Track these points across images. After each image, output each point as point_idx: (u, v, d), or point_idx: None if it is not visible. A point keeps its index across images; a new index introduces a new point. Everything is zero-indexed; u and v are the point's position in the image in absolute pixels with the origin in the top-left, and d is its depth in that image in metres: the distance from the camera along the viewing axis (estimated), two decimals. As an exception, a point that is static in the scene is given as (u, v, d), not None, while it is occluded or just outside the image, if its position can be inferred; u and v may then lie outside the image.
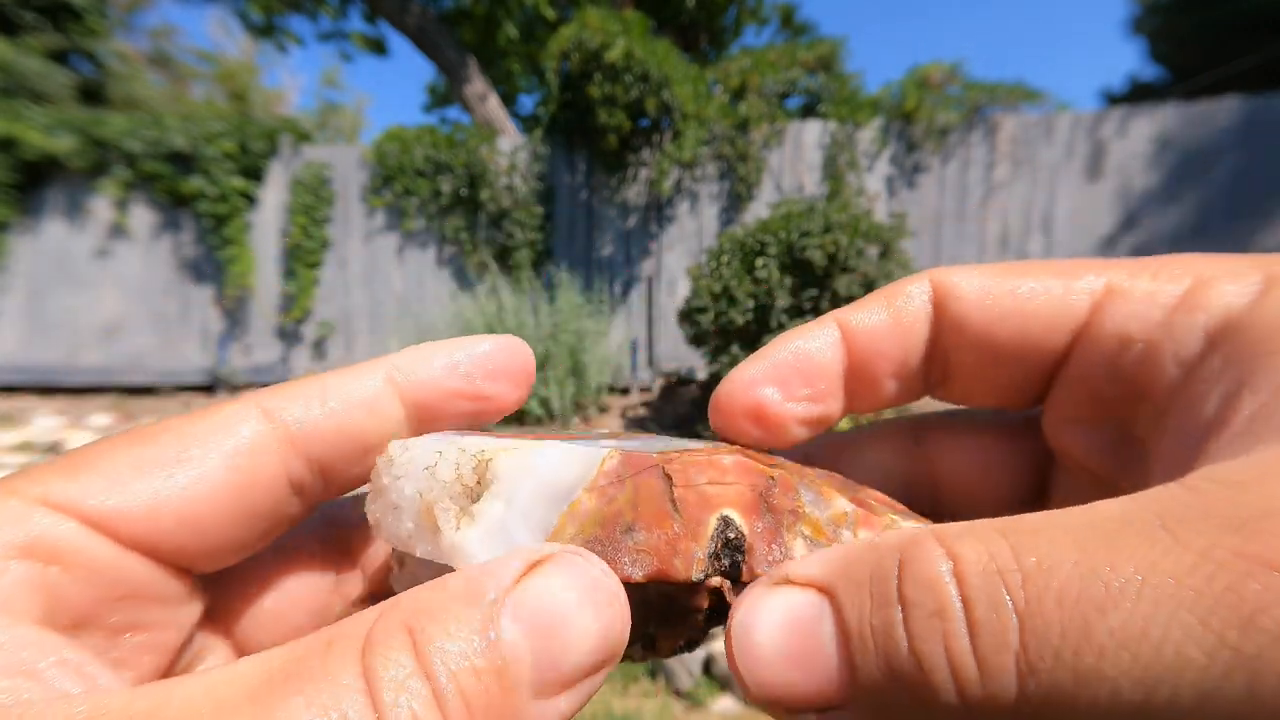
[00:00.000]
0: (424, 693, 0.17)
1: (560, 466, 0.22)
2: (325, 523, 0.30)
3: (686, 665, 2.42)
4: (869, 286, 3.92)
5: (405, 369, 0.28)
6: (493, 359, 0.29)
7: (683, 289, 6.06)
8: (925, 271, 0.28)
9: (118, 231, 6.43)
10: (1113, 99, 11.55)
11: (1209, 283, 0.22)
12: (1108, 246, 5.74)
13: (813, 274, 3.96)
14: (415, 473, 0.23)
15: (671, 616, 0.24)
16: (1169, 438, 0.22)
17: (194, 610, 0.26)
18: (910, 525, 0.25)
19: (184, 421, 0.24)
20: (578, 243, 6.32)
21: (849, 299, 3.89)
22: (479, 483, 0.22)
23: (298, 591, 0.29)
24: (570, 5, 7.83)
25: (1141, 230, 5.67)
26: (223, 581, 0.27)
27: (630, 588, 0.21)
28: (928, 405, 0.34)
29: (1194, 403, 0.21)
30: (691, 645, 0.25)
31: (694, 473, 0.23)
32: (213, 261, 6.41)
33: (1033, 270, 0.26)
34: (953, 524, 0.19)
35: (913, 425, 0.32)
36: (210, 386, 6.41)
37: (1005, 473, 0.30)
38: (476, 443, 0.23)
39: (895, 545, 0.19)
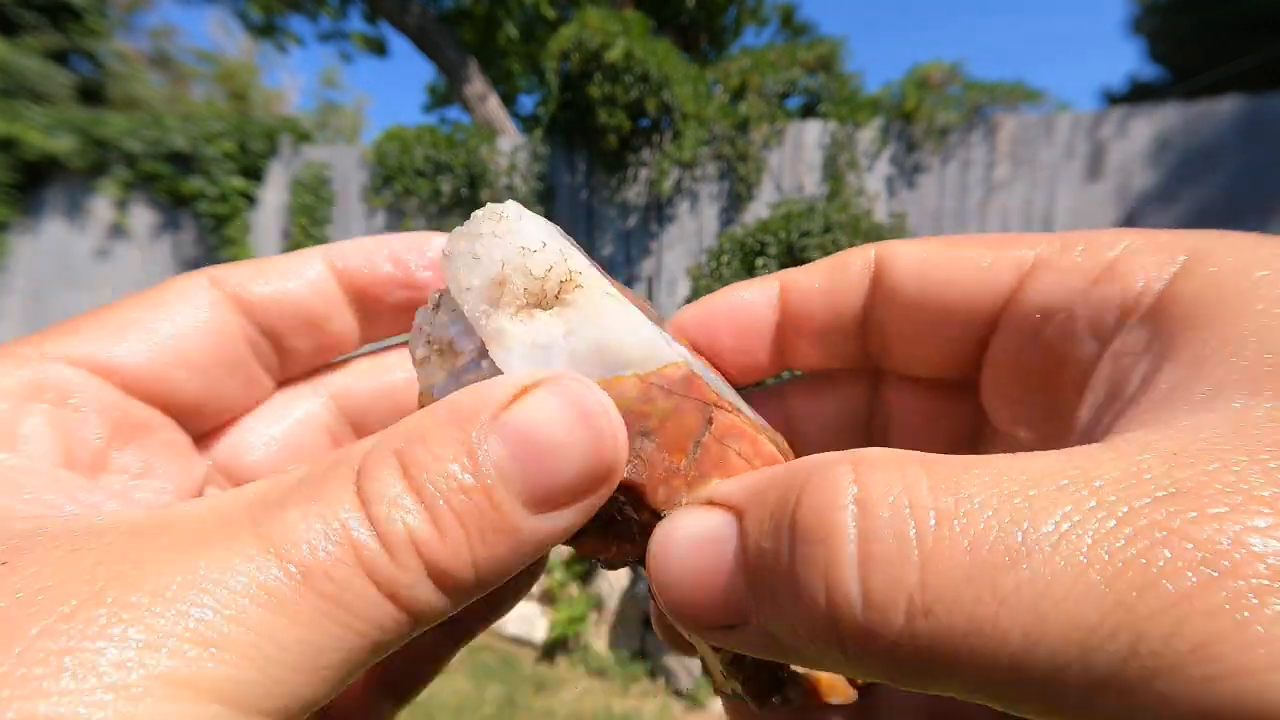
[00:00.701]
0: (416, 508, 0.18)
1: (630, 340, 0.22)
2: (334, 412, 0.32)
3: (686, 665, 2.42)
4: (869, 286, 3.93)
5: (343, 254, 0.29)
6: (431, 247, 0.30)
7: (683, 289, 6.06)
8: (876, 243, 0.29)
9: (118, 231, 6.43)
10: (1113, 99, 11.55)
11: (1132, 256, 0.23)
12: (1108, 246, 5.75)
13: (813, 274, 3.97)
14: (511, 244, 0.23)
15: (622, 531, 0.24)
16: (1087, 408, 0.22)
17: (200, 465, 0.28)
18: None
19: (149, 292, 0.27)
20: (578, 242, 6.32)
21: (849, 299, 3.90)
22: (557, 296, 0.23)
23: (301, 441, 0.31)
24: (570, 5, 7.83)
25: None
26: (231, 452, 0.29)
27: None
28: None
29: (1115, 374, 0.21)
30: (634, 563, 0.25)
31: (733, 436, 0.24)
32: (213, 261, 6.38)
33: (969, 242, 0.26)
34: (877, 450, 0.18)
35: (875, 371, 0.32)
36: (210, 386, 6.42)
37: (952, 425, 0.31)
38: (581, 263, 0.24)
39: (808, 468, 0.19)
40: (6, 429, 0.22)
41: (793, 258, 4.00)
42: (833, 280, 0.29)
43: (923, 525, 0.15)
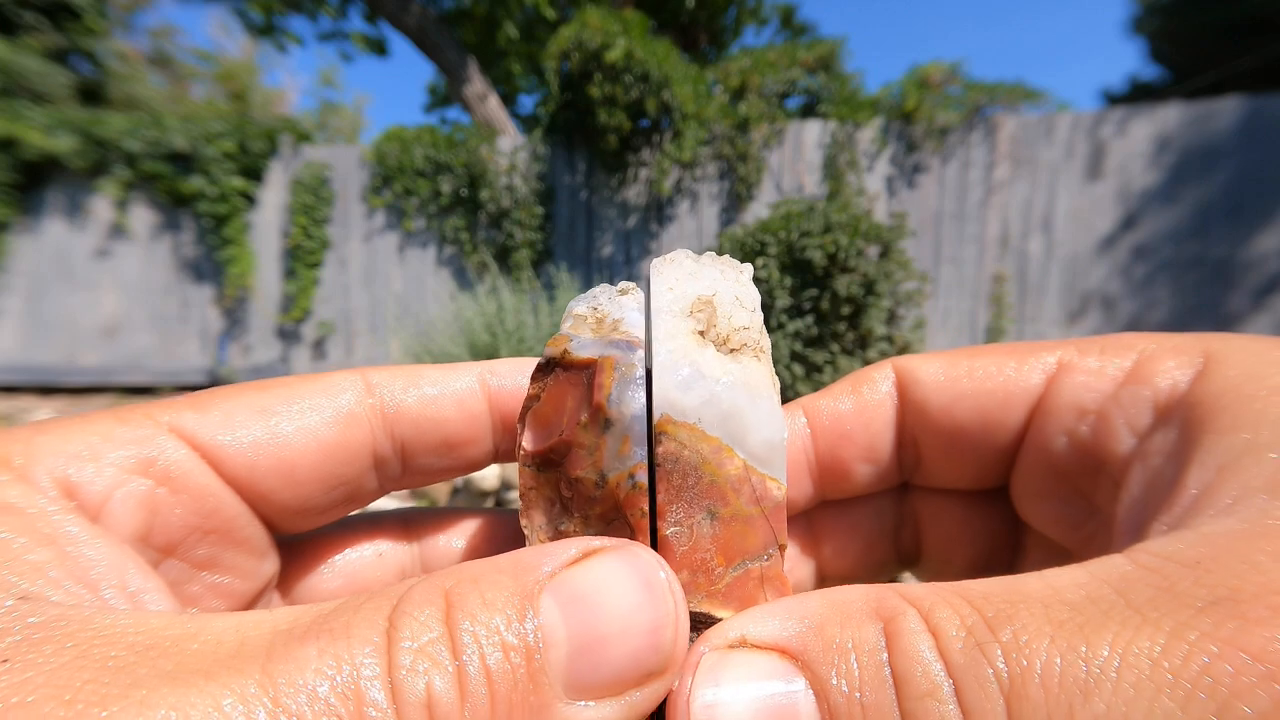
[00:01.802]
0: (446, 663, 0.16)
1: (764, 432, 0.23)
2: (402, 519, 0.31)
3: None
4: (869, 286, 3.92)
5: (499, 374, 0.29)
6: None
7: (683, 289, 6.06)
8: (889, 359, 0.29)
9: (118, 231, 6.43)
10: (1113, 99, 11.55)
11: (1154, 358, 0.24)
12: (1107, 246, 5.74)
13: (813, 274, 3.96)
14: (731, 288, 0.26)
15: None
16: (1125, 507, 0.22)
17: (270, 567, 0.27)
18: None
19: (298, 379, 0.27)
20: (578, 243, 6.32)
21: (849, 299, 3.90)
22: (733, 350, 0.24)
23: (368, 577, 0.30)
24: (570, 5, 7.83)
25: (1141, 230, 5.67)
26: (299, 558, 0.29)
27: None
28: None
29: (1146, 474, 0.21)
30: None
31: (772, 583, 0.23)
32: (212, 261, 6.41)
33: (988, 352, 0.27)
34: (915, 586, 0.18)
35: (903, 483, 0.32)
36: (210, 386, 6.41)
37: (982, 531, 0.31)
38: (769, 343, 0.25)
39: (867, 609, 0.18)
40: (99, 497, 0.22)
41: (792, 258, 4.00)
42: (862, 402, 0.28)
43: (995, 664, 0.16)
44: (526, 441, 0.24)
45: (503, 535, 0.31)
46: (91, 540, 0.20)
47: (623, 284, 0.26)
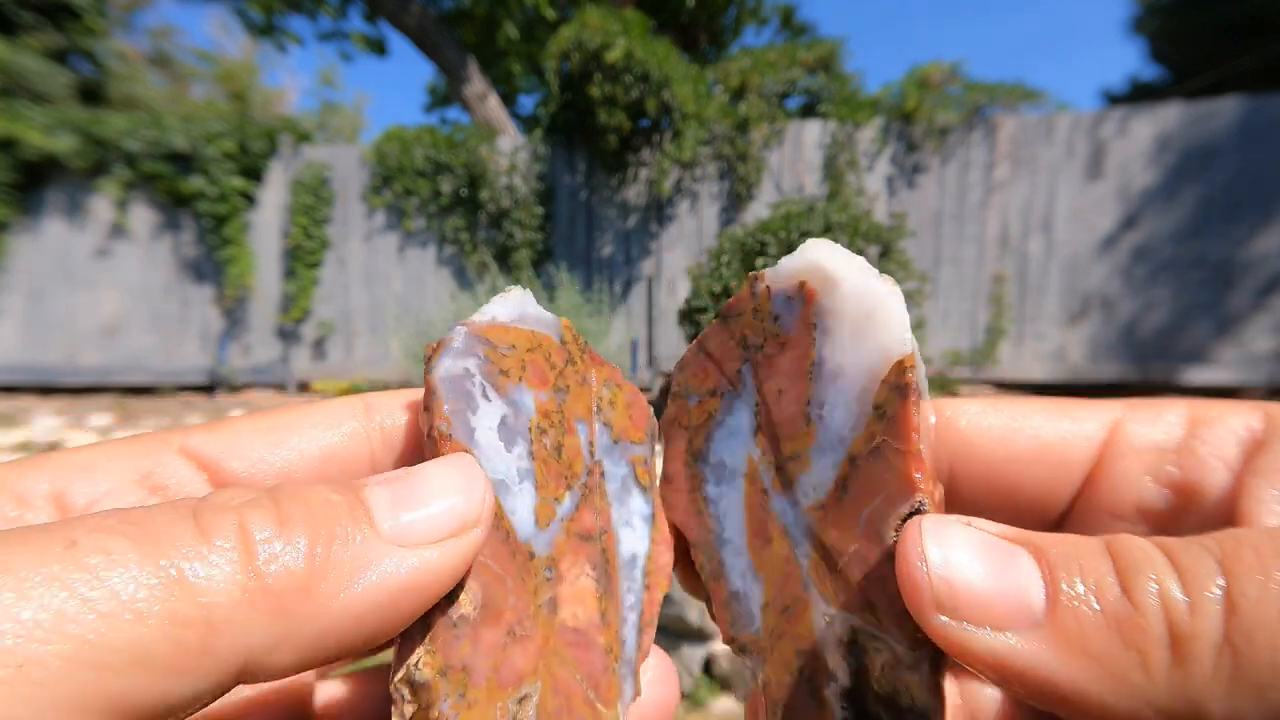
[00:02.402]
0: (268, 506, 0.20)
1: None
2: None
3: (686, 665, 2.42)
4: (869, 286, 3.92)
5: None
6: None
7: (683, 289, 6.06)
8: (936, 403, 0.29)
9: (118, 231, 6.43)
10: (1113, 99, 11.55)
11: (1210, 407, 0.26)
12: (1107, 246, 5.74)
13: (813, 274, 3.97)
14: None
15: None
16: (1254, 515, 0.24)
17: None
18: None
19: (305, 404, 0.28)
20: (578, 243, 6.32)
21: (849, 299, 3.90)
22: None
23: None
24: (570, 5, 7.83)
25: (1141, 230, 5.67)
26: None
27: None
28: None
29: (1263, 494, 0.24)
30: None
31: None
32: (212, 261, 6.41)
33: (1035, 405, 0.28)
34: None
35: None
36: (210, 386, 6.42)
37: None
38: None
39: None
40: (85, 506, 0.23)
41: (793, 258, 4.01)
42: None
43: (1206, 543, 0.20)
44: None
45: None
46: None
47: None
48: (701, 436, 0.31)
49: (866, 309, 0.27)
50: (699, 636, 1.93)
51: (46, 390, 6.42)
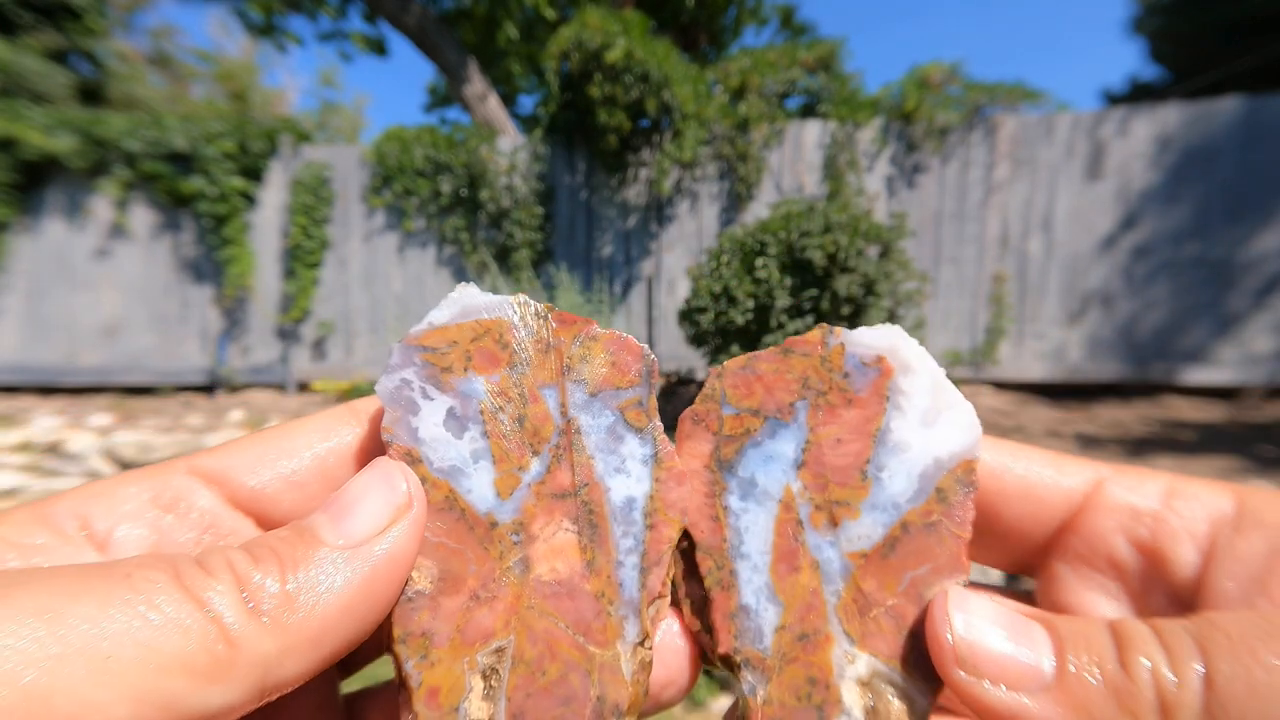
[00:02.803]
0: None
1: None
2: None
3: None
4: (869, 287, 3.91)
5: None
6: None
7: (683, 289, 6.06)
8: None
9: (118, 231, 6.43)
10: (1113, 99, 11.55)
11: (1186, 485, 0.28)
12: (1107, 246, 5.74)
13: (813, 274, 3.96)
14: None
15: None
16: (1216, 591, 0.27)
17: None
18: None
19: (300, 420, 0.31)
20: (578, 243, 6.32)
21: (849, 299, 3.89)
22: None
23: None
24: (570, 5, 7.83)
25: (1141, 230, 5.67)
26: None
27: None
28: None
29: (1234, 569, 0.26)
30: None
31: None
32: (212, 261, 6.41)
33: (1017, 448, 0.31)
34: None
35: None
36: (210, 386, 6.41)
37: None
38: None
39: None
40: (107, 532, 0.26)
41: (793, 258, 3.99)
42: None
43: (1186, 625, 0.24)
44: None
45: None
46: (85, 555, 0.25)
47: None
48: (733, 449, 0.32)
49: (941, 406, 0.30)
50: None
51: (46, 390, 6.42)
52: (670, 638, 0.31)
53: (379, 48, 8.65)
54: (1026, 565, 0.32)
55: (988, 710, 0.24)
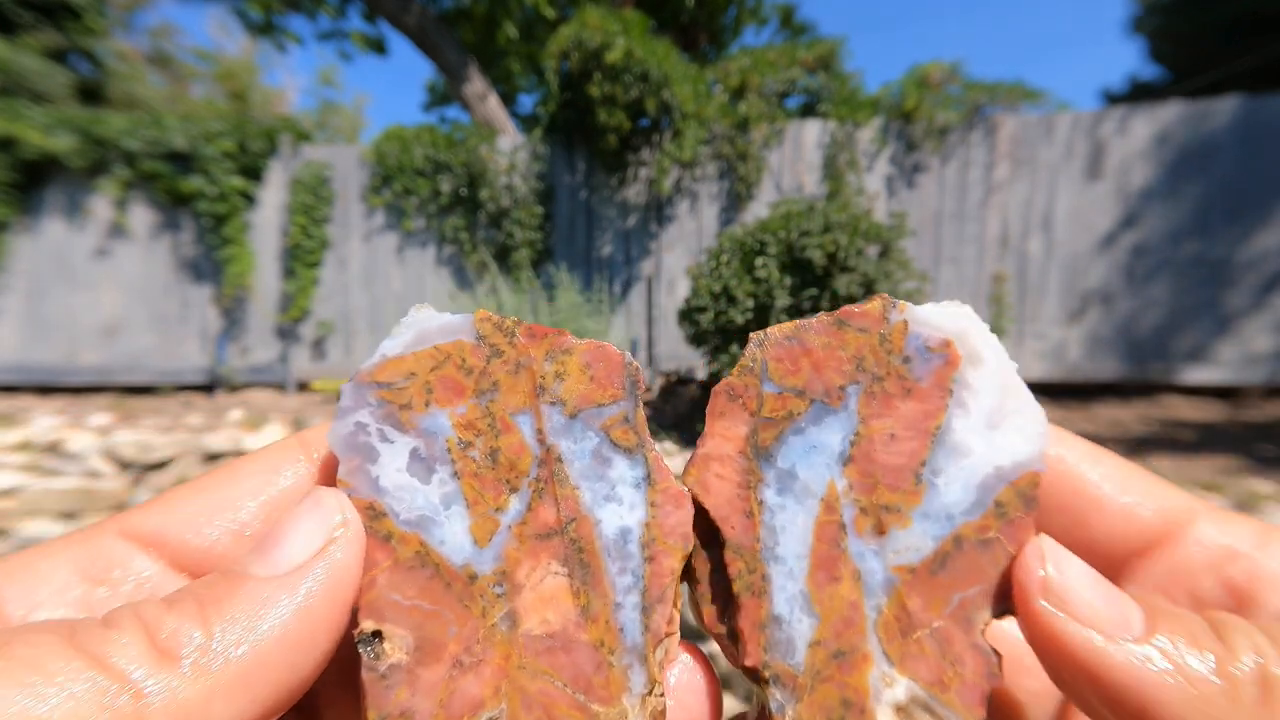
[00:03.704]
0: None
1: None
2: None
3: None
4: (869, 286, 3.91)
5: None
6: None
7: (682, 289, 6.06)
8: None
9: (117, 231, 6.43)
10: (1113, 98, 11.55)
11: (1277, 532, 0.28)
12: (1107, 246, 5.75)
13: (812, 274, 3.96)
14: None
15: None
16: None
17: None
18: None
19: (241, 460, 0.28)
20: (577, 242, 6.32)
21: (849, 299, 3.89)
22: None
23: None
24: (570, 5, 7.83)
25: (1141, 229, 5.68)
26: None
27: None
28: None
29: None
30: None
31: None
32: (212, 261, 6.41)
33: (1126, 464, 0.30)
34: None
35: None
36: (209, 386, 6.41)
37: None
38: None
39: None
40: (24, 620, 0.23)
41: (792, 257, 3.99)
42: None
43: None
44: None
45: None
46: (29, 641, 0.22)
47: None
48: (773, 434, 0.29)
49: (1009, 408, 0.27)
50: (697, 636, 1.93)
51: (46, 390, 6.42)
52: (687, 674, 0.28)
53: (379, 47, 8.65)
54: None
55: (1062, 646, 0.23)
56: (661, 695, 0.26)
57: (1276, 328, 5.46)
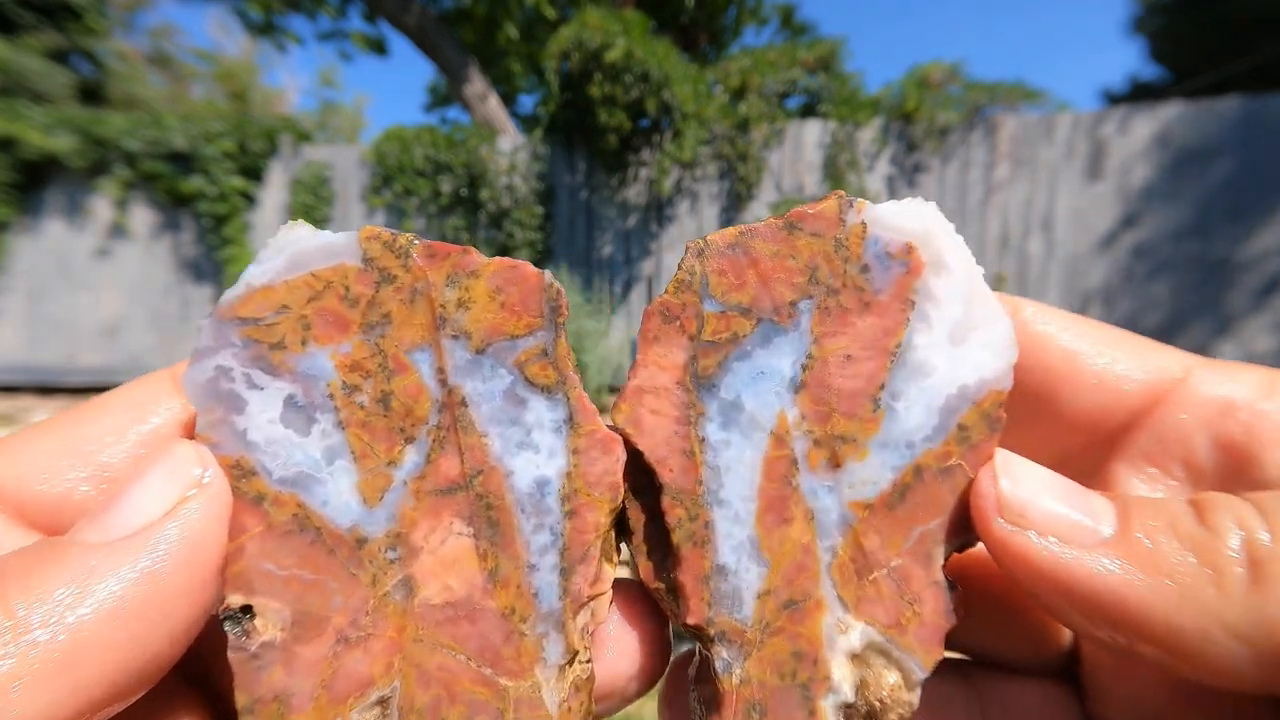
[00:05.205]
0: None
1: None
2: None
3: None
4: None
5: None
6: None
7: (683, 289, 6.06)
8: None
9: (118, 231, 6.43)
10: (1113, 99, 11.56)
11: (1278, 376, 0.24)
12: (1107, 246, 5.75)
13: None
14: None
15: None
16: None
17: None
18: None
19: (103, 400, 0.24)
20: (578, 243, 6.32)
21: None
22: None
23: None
24: (570, 5, 7.83)
25: (1141, 229, 5.68)
26: None
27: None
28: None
29: None
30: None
31: None
32: (212, 261, 6.41)
33: (1105, 333, 0.27)
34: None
35: (959, 664, 0.31)
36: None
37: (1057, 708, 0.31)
38: None
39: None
40: None
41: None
42: None
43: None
44: None
45: None
46: None
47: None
48: (715, 360, 0.25)
49: (976, 320, 0.24)
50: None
51: (46, 390, 6.42)
52: (628, 617, 0.25)
53: (379, 47, 8.65)
54: (1077, 463, 0.27)
55: (1028, 563, 0.21)
56: (587, 663, 0.24)
57: (1276, 328, 5.46)
